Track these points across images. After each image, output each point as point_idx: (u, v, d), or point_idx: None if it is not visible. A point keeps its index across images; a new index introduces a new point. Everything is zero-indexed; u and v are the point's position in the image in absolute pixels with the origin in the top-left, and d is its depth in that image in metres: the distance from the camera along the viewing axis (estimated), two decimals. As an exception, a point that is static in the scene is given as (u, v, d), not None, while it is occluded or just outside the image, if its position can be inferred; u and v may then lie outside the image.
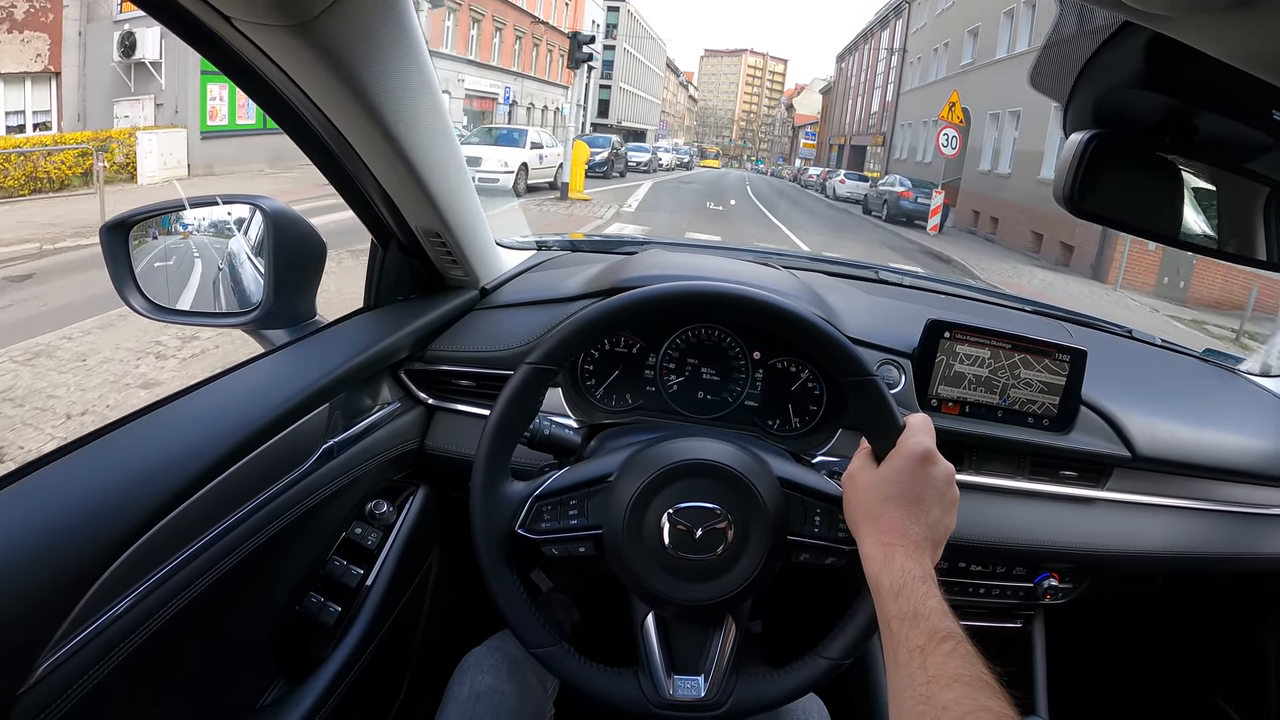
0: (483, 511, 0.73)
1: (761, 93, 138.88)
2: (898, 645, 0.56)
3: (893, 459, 0.67)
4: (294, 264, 0.90)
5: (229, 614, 0.72)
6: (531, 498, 0.74)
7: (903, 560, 0.60)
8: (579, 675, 0.72)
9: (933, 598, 0.57)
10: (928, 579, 0.59)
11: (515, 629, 0.73)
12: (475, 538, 0.73)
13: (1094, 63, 0.58)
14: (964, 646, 0.54)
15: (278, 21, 0.57)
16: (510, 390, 0.74)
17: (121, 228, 0.91)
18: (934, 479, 0.65)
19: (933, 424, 0.70)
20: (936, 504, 0.65)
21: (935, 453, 0.67)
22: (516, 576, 0.74)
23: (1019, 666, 1.14)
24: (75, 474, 0.59)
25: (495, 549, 0.73)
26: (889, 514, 0.64)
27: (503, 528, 0.73)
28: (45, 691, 0.52)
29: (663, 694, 0.71)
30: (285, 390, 0.76)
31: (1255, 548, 1.05)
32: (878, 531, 0.63)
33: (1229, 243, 0.67)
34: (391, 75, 0.70)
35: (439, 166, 0.85)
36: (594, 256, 1.32)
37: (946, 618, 0.56)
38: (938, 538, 0.64)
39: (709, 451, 0.72)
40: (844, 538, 0.72)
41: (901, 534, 0.62)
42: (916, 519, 0.63)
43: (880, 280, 1.36)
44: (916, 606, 0.57)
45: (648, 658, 0.73)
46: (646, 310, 0.76)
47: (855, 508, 0.67)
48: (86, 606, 0.54)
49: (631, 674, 0.73)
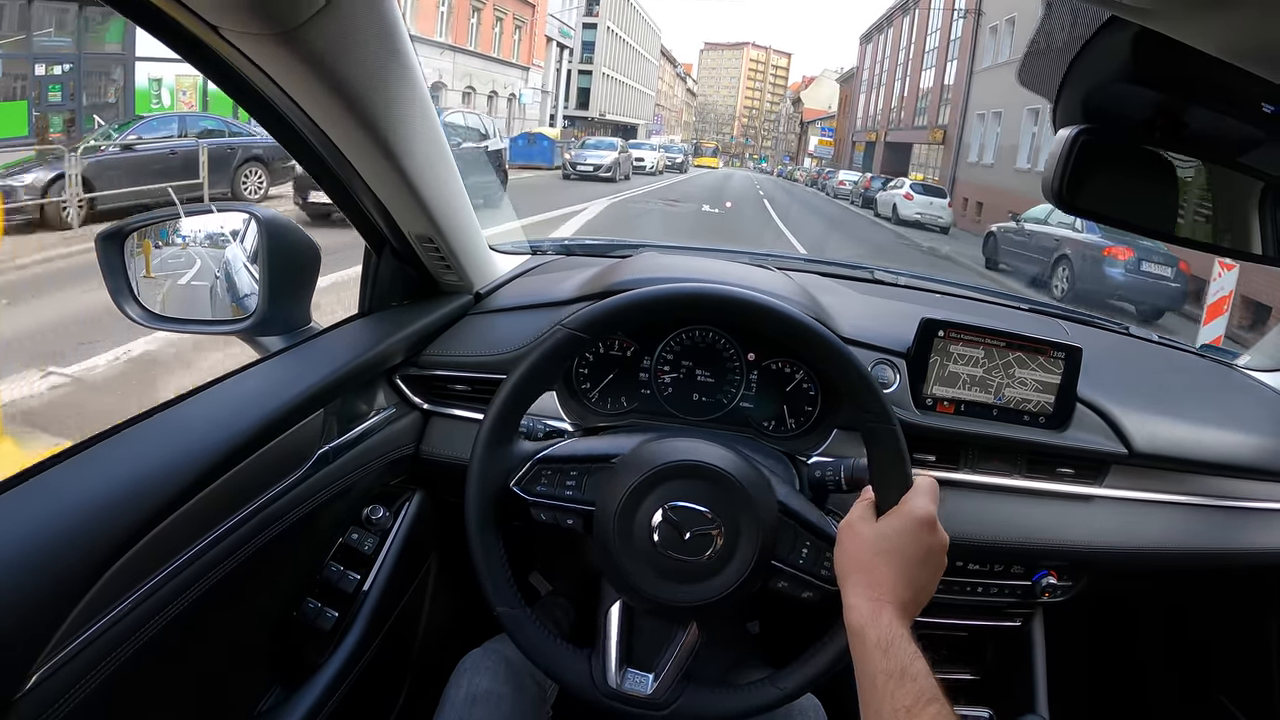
0: (482, 461, 0.73)
1: (764, 88, 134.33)
2: (882, 701, 0.56)
3: (894, 517, 0.67)
4: (288, 271, 0.90)
5: (225, 620, 0.72)
6: (534, 458, 0.75)
7: (890, 618, 0.60)
8: (533, 643, 0.73)
9: (919, 659, 0.57)
10: (912, 640, 0.59)
11: (484, 584, 0.73)
12: (468, 487, 0.73)
13: (1081, 58, 0.57)
14: (948, 710, 0.54)
15: (263, 30, 0.57)
16: (541, 350, 0.74)
17: (117, 236, 0.92)
18: (930, 546, 0.65)
19: (938, 489, 0.70)
20: (926, 570, 0.65)
21: (936, 521, 0.66)
22: (500, 536, 0.74)
23: (1018, 665, 1.13)
24: (71, 480, 0.59)
25: (486, 501, 0.73)
26: (881, 570, 0.64)
27: (498, 481, 0.74)
28: (40, 698, 0.52)
29: (610, 683, 0.71)
30: (280, 396, 0.76)
31: (1255, 543, 1.05)
32: (868, 585, 0.63)
33: (1224, 237, 0.67)
34: (380, 81, 0.70)
35: (430, 171, 0.85)
36: (588, 260, 1.32)
37: (932, 679, 0.56)
38: (919, 602, 0.65)
39: (717, 457, 0.72)
40: (826, 576, 0.71)
41: (891, 591, 0.62)
42: (907, 581, 0.63)
43: (874, 280, 1.36)
44: (905, 665, 0.57)
45: (604, 644, 0.73)
46: (696, 306, 0.77)
47: (848, 556, 0.67)
48: (82, 613, 0.54)
49: (585, 655, 0.73)
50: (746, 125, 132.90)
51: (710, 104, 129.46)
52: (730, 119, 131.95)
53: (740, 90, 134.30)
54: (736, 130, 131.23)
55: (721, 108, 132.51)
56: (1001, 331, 0.97)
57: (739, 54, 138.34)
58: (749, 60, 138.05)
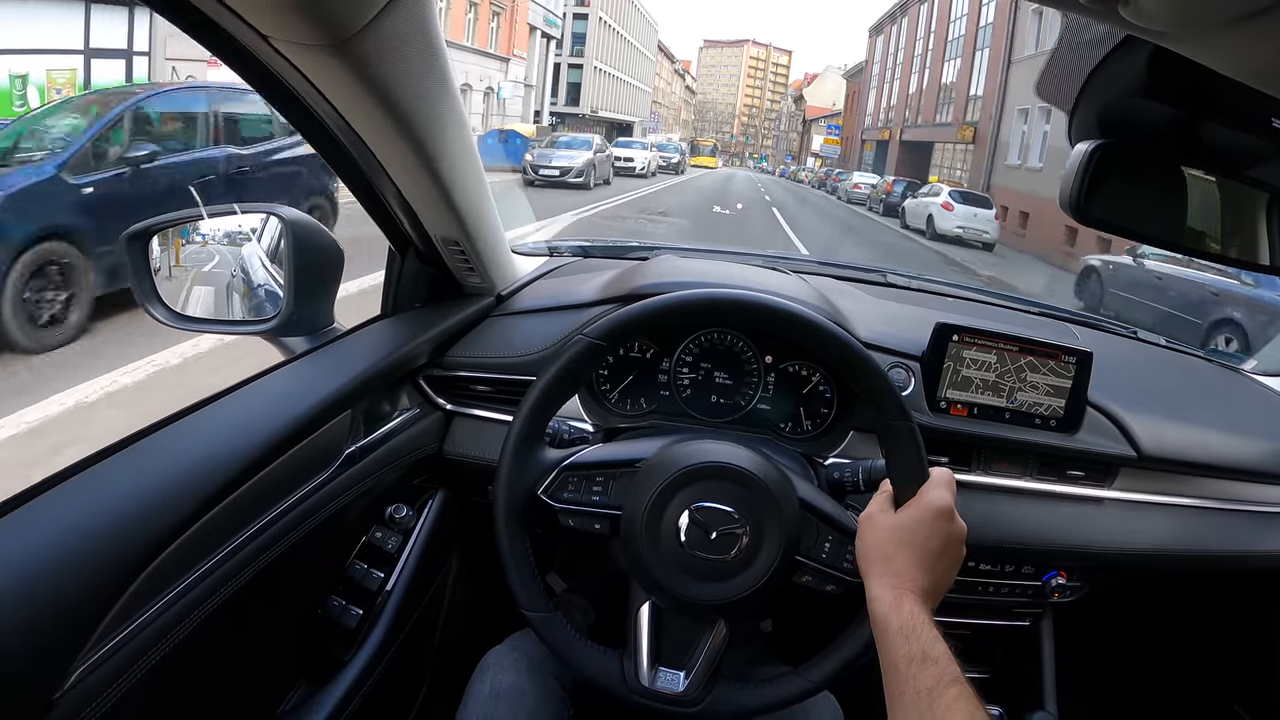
0: (510, 469, 0.75)
1: (765, 85, 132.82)
2: (904, 685, 0.58)
3: (913, 508, 0.69)
4: (312, 271, 0.91)
5: (255, 618, 0.73)
6: (560, 466, 0.76)
7: (911, 605, 0.63)
8: (566, 645, 0.75)
9: (940, 643, 0.60)
10: (933, 626, 0.61)
11: (514, 587, 0.75)
12: (496, 493, 0.75)
13: (1098, 74, 0.59)
14: (969, 691, 0.56)
15: (315, 41, 0.58)
16: (565, 358, 0.76)
17: (142, 236, 0.92)
18: (949, 535, 0.68)
19: (955, 480, 0.72)
20: (945, 559, 0.67)
21: (954, 510, 0.69)
22: (528, 541, 0.76)
23: (1028, 664, 1.15)
24: (106, 482, 0.60)
25: (515, 509, 0.75)
26: (901, 560, 0.66)
27: (526, 489, 0.76)
28: (79, 696, 0.53)
29: (643, 681, 0.73)
30: (309, 397, 0.78)
31: (1262, 545, 1.06)
32: (889, 574, 0.66)
33: (1231, 248, 0.68)
34: (421, 91, 0.71)
35: (462, 178, 0.86)
36: (606, 262, 1.34)
37: (954, 663, 0.58)
38: (940, 590, 0.67)
39: (740, 458, 0.74)
40: (848, 569, 0.74)
41: (911, 581, 0.65)
42: (926, 570, 0.66)
43: (889, 284, 1.38)
44: (926, 649, 0.59)
45: (636, 644, 0.75)
46: (718, 311, 0.79)
47: (869, 548, 0.69)
48: (120, 611, 0.55)
49: (617, 656, 0.75)
50: (746, 124, 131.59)
51: (709, 102, 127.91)
52: (730, 117, 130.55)
53: (740, 88, 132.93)
54: (736, 129, 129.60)
55: (721, 106, 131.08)
56: (1015, 336, 0.98)
57: (739, 51, 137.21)
58: (749, 57, 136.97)
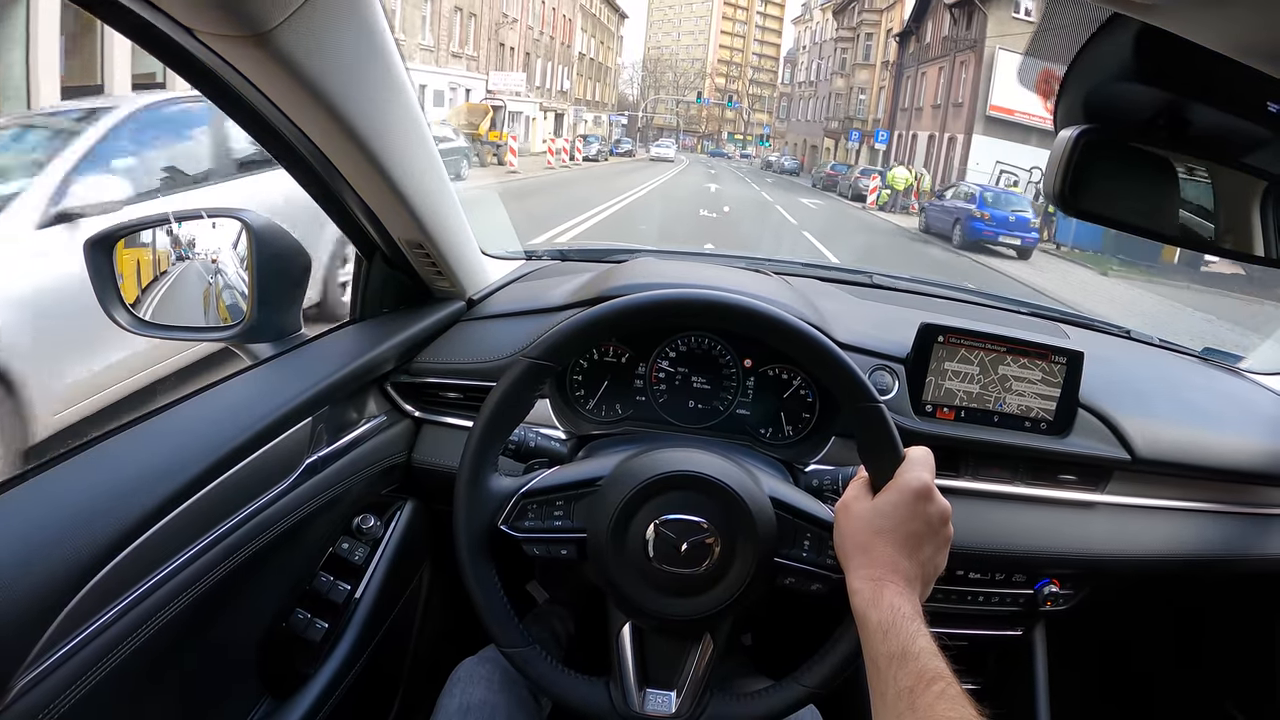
0: (466, 505, 0.72)
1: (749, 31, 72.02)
2: (885, 684, 0.54)
3: (889, 492, 0.65)
4: (278, 277, 0.89)
5: (212, 632, 0.71)
6: (517, 494, 0.73)
7: (892, 597, 0.59)
8: (549, 679, 0.71)
9: (922, 637, 0.56)
10: (917, 617, 0.58)
11: (488, 627, 0.71)
12: (456, 532, 0.72)
13: (1083, 56, 0.57)
14: (953, 688, 0.53)
15: (238, 32, 0.56)
16: (505, 384, 0.72)
17: (106, 241, 0.90)
18: (929, 516, 0.64)
19: (933, 458, 0.68)
20: (929, 542, 0.63)
21: (933, 489, 0.65)
22: (495, 574, 0.72)
23: (1020, 675, 1.12)
24: (51, 490, 0.58)
25: (476, 544, 0.72)
26: (880, 548, 0.62)
27: (485, 522, 0.72)
28: (21, 710, 0.51)
29: (632, 706, 0.70)
30: (268, 405, 0.75)
31: (1260, 548, 1.04)
32: (868, 565, 0.62)
33: (1226, 239, 0.66)
34: (360, 83, 0.69)
35: (417, 176, 0.84)
36: (583, 266, 1.31)
37: (936, 658, 0.55)
38: (928, 576, 0.63)
39: (702, 464, 0.71)
40: (832, 565, 0.70)
41: (892, 569, 0.61)
42: (908, 555, 0.62)
43: (874, 285, 1.35)
44: (905, 645, 0.55)
45: (621, 668, 0.71)
46: (653, 314, 0.74)
47: (846, 538, 0.65)
48: (64, 623, 0.53)
49: (603, 683, 0.72)
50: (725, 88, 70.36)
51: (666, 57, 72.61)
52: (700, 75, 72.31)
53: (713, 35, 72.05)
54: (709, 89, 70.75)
55: (683, 62, 68.54)
56: (1002, 336, 0.96)
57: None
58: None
